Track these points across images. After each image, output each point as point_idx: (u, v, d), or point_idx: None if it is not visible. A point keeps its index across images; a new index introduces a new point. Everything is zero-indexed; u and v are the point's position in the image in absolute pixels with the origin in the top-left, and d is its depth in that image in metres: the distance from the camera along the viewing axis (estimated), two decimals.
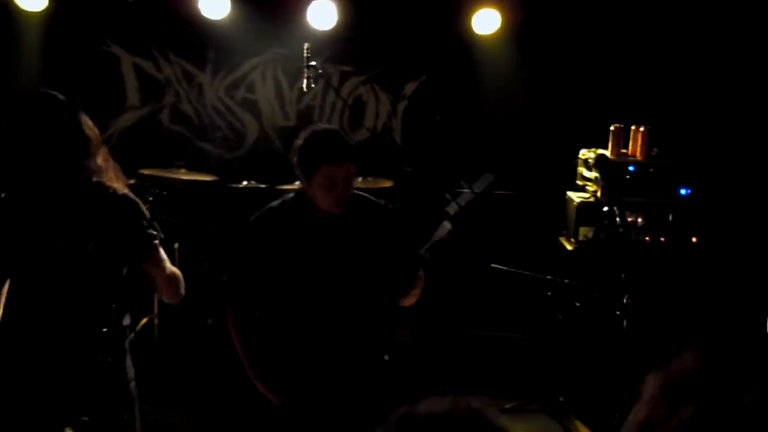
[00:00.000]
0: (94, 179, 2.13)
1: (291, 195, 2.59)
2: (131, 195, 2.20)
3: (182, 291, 2.31)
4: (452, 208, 2.76)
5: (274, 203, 2.59)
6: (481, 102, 5.55)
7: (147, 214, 2.16)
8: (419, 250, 2.57)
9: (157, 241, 2.11)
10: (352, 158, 2.45)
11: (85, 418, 2.15)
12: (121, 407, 2.24)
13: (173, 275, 2.27)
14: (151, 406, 3.43)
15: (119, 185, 2.19)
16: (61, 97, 2.16)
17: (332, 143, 2.44)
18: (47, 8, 4.81)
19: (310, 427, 2.55)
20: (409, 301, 2.59)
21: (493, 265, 4.20)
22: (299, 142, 2.48)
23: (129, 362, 2.31)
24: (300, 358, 2.54)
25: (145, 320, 4.41)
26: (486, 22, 5.30)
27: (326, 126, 2.52)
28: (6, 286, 2.14)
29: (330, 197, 2.41)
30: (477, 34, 5.36)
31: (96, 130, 2.20)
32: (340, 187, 2.41)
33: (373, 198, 2.69)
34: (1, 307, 2.13)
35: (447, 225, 2.62)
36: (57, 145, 2.07)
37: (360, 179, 4.68)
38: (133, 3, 5.05)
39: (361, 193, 2.66)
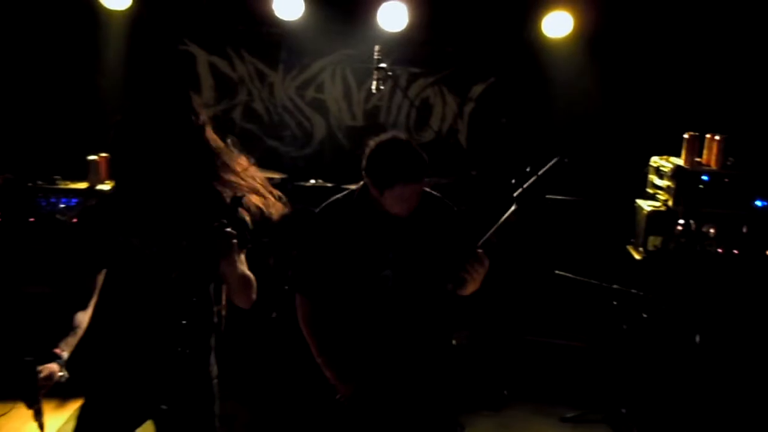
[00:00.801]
0: (226, 182, 2.23)
1: (355, 188, 2.62)
2: (237, 202, 2.22)
3: (254, 296, 2.34)
4: (517, 191, 2.77)
5: (339, 195, 2.63)
6: (550, 106, 5.49)
7: (233, 214, 2.20)
8: (486, 234, 2.56)
9: (235, 241, 2.17)
10: (424, 177, 2.44)
11: (164, 407, 2.24)
12: (201, 401, 2.31)
13: (247, 278, 2.30)
14: None
15: (237, 190, 2.25)
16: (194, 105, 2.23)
17: (410, 162, 2.40)
18: (130, 7, 5.00)
19: (375, 418, 2.57)
20: (470, 288, 2.54)
21: (557, 272, 4.16)
22: (374, 151, 2.46)
23: (213, 359, 2.38)
24: (366, 349, 2.55)
25: (220, 309, 4.54)
26: (557, 25, 5.24)
27: (400, 137, 2.46)
28: (101, 277, 2.27)
29: (400, 207, 2.45)
30: (547, 37, 5.31)
31: (218, 141, 2.27)
32: (411, 200, 2.44)
33: (439, 195, 2.68)
34: (96, 296, 2.26)
35: (512, 207, 2.63)
36: (183, 159, 2.16)
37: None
38: (210, 4, 5.21)
39: (428, 190, 2.64)
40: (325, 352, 2.56)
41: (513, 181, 3.75)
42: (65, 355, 2.10)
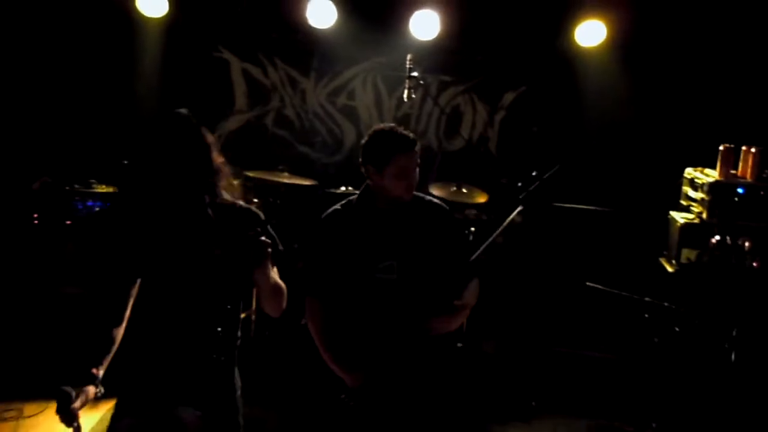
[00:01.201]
0: (223, 198, 2.30)
1: (354, 196, 2.79)
2: (253, 208, 2.39)
3: (284, 304, 2.39)
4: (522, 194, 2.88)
5: (339, 204, 2.79)
6: (582, 115, 5.45)
7: (265, 225, 2.26)
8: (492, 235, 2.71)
9: (269, 250, 2.20)
10: (417, 146, 2.66)
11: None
12: (228, 412, 2.34)
13: (278, 287, 2.34)
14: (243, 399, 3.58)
15: (240, 199, 2.35)
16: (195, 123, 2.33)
17: (400, 135, 2.64)
18: (166, 15, 5.10)
19: (385, 415, 2.67)
20: (467, 301, 2.73)
21: (588, 283, 4.12)
22: (366, 141, 2.70)
23: (237, 373, 2.42)
24: (371, 347, 2.68)
25: (243, 315, 4.58)
26: (590, 34, 5.21)
27: (385, 124, 2.73)
28: (136, 286, 2.32)
29: (402, 184, 2.63)
30: (580, 46, 5.29)
31: (222, 161, 2.35)
32: (412, 174, 2.64)
33: (435, 199, 2.88)
34: (131, 304, 2.31)
35: (518, 208, 2.70)
36: (195, 174, 2.25)
37: (454, 188, 4.71)
38: (245, 12, 5.28)
39: (423, 195, 2.85)
40: (332, 348, 2.71)
41: (519, 184, 3.79)
42: (101, 374, 2.21)
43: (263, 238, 2.18)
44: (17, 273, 4.33)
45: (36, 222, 4.39)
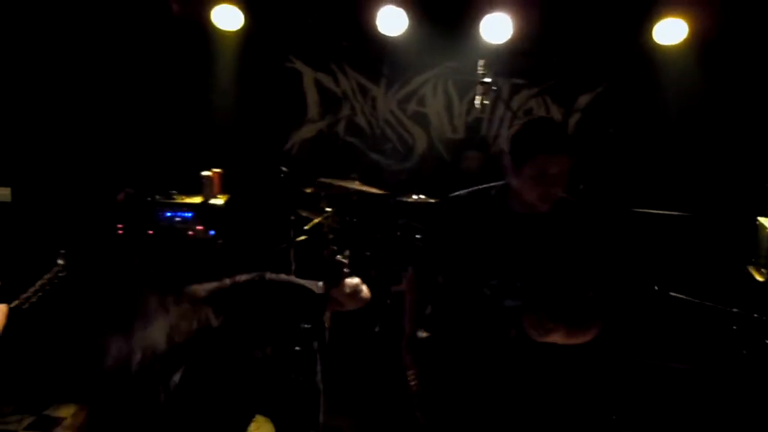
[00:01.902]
0: None
1: (498, 184, 2.46)
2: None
3: (365, 295, 2.37)
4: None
5: (483, 186, 2.50)
6: (662, 116, 5.26)
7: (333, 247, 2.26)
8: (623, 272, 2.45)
9: (347, 270, 2.20)
10: (569, 152, 2.25)
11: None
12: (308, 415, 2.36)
13: (355, 294, 2.34)
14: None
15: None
16: None
17: (549, 133, 2.28)
18: (240, 28, 5.22)
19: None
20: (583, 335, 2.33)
21: (672, 293, 3.96)
22: (513, 128, 2.37)
23: (319, 375, 2.43)
24: (470, 361, 2.41)
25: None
26: (670, 32, 5.02)
27: (545, 116, 2.43)
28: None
29: (538, 190, 2.27)
30: (659, 45, 5.09)
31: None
32: (551, 180, 2.24)
33: (589, 206, 2.45)
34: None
35: None
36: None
37: None
38: (315, 22, 5.35)
39: (572, 198, 2.43)
40: (411, 329, 2.58)
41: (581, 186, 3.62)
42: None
43: (339, 257, 2.19)
44: (102, 281, 4.52)
45: (120, 232, 4.58)
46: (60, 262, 2.03)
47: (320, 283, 2.31)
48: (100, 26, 5.03)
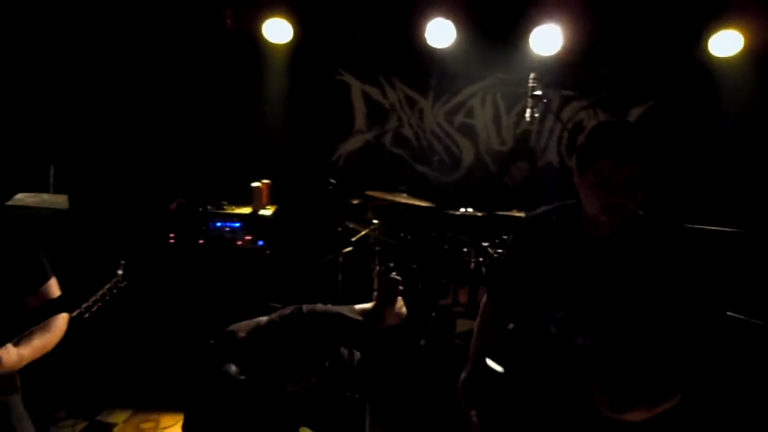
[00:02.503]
0: None
1: (571, 202, 2.19)
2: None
3: (404, 312, 2.36)
4: None
5: (558, 204, 2.23)
6: (717, 130, 5.14)
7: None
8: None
9: (401, 288, 2.20)
10: (639, 158, 1.92)
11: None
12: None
13: (402, 305, 2.34)
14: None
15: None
16: None
17: (614, 134, 1.94)
18: (290, 41, 5.29)
19: None
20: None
21: (729, 313, 3.84)
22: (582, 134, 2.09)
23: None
24: (530, 391, 2.19)
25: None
26: (726, 45, 4.91)
27: (619, 118, 2.03)
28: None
29: (600, 201, 1.95)
30: (714, 57, 4.99)
31: None
32: (616, 190, 1.92)
33: (668, 226, 2.07)
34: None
35: None
36: None
37: None
38: (364, 35, 5.38)
39: (650, 216, 2.10)
40: (478, 349, 2.34)
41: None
42: None
43: (393, 274, 2.18)
44: (154, 288, 4.60)
45: (172, 241, 4.66)
46: (120, 272, 2.08)
47: (366, 305, 2.30)
48: (157, 41, 5.15)
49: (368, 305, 2.33)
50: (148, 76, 5.22)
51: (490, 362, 2.27)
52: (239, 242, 4.67)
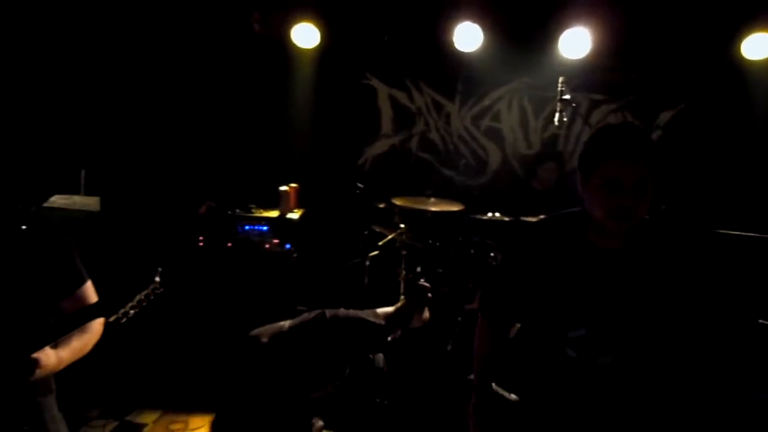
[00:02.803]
0: None
1: (575, 210, 2.08)
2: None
3: (426, 317, 2.37)
4: None
5: (559, 213, 2.13)
6: (749, 134, 5.05)
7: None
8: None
9: (430, 295, 2.21)
10: (646, 158, 1.84)
11: None
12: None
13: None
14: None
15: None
16: None
17: (621, 134, 1.88)
18: (317, 46, 5.32)
19: None
20: None
21: (761, 321, 3.77)
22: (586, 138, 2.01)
23: None
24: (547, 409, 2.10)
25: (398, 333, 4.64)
26: (759, 47, 4.83)
27: (624, 121, 2.00)
28: None
29: (607, 203, 1.86)
30: (747, 60, 4.91)
31: None
32: (624, 192, 1.83)
33: (680, 232, 2.02)
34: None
35: None
36: None
37: None
38: (391, 39, 5.39)
39: (658, 222, 2.02)
40: (481, 377, 2.19)
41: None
42: None
43: (422, 281, 2.19)
44: (184, 290, 4.65)
45: (201, 244, 4.71)
46: (157, 279, 2.12)
47: (389, 309, 2.31)
48: (187, 46, 5.22)
49: (391, 309, 2.34)
50: (178, 80, 5.29)
51: (498, 389, 2.18)
52: (267, 245, 4.71)
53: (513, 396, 2.16)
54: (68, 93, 5.10)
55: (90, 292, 2.29)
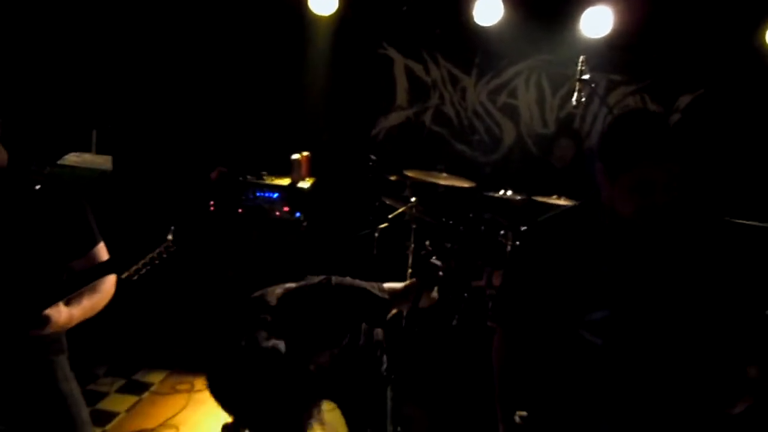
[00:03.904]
0: None
1: (583, 203, 2.01)
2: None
3: (435, 296, 2.37)
4: None
5: (565, 208, 2.08)
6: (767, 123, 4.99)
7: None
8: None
9: (441, 274, 2.19)
10: (681, 158, 1.76)
11: None
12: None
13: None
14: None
15: None
16: None
17: (657, 133, 1.75)
18: (335, 13, 5.24)
19: None
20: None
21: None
22: (612, 124, 1.87)
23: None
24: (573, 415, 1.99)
25: (394, 311, 4.67)
26: None
27: (647, 109, 1.93)
28: None
29: (640, 203, 1.77)
30: None
31: None
32: (659, 193, 1.75)
33: (700, 218, 1.96)
34: None
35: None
36: None
37: None
38: (409, 8, 5.31)
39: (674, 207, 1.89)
40: (504, 401, 2.08)
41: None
42: None
43: (434, 259, 2.17)
44: (195, 254, 4.68)
45: (212, 209, 4.72)
46: (170, 237, 2.11)
47: (397, 285, 2.30)
48: (202, 9, 5.17)
49: (399, 285, 2.32)
50: (192, 44, 5.25)
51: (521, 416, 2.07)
52: (277, 213, 4.72)
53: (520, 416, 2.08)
54: (82, 53, 5.07)
55: (102, 252, 2.29)
